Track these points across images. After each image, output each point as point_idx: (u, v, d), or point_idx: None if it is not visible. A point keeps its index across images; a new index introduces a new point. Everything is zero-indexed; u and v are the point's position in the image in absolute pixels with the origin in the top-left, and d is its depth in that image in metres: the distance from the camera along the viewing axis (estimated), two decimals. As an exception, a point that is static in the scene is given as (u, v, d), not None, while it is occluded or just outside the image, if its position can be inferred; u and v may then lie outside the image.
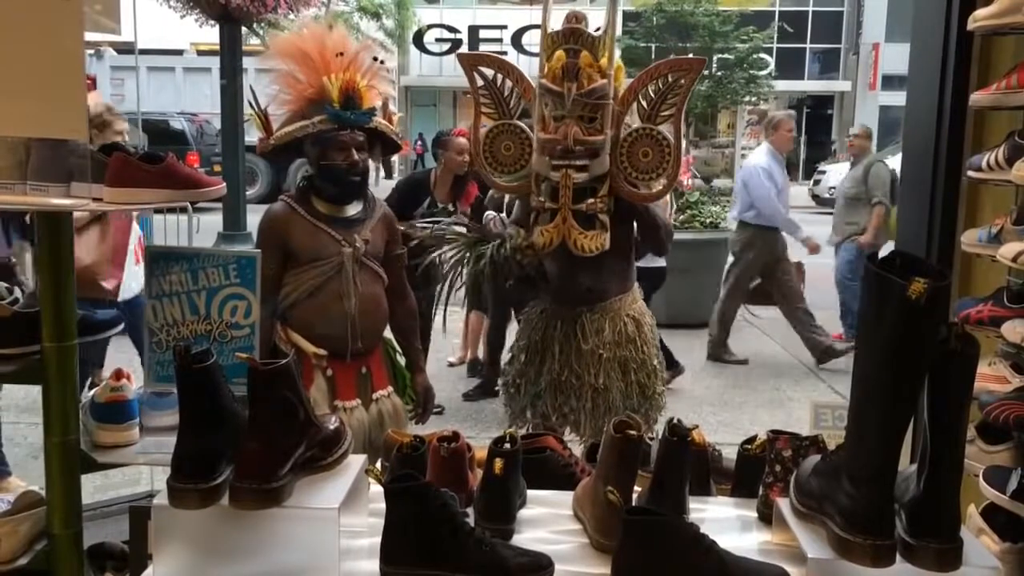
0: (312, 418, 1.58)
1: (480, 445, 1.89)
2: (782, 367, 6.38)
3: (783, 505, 1.57)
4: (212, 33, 7.77)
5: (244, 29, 7.65)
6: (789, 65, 24.66)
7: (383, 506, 1.50)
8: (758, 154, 6.72)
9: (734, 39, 20.82)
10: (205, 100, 15.67)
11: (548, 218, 2.72)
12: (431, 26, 25.10)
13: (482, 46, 22.46)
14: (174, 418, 1.69)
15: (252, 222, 4.15)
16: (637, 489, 1.70)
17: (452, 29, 25.27)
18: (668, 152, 2.67)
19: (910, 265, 1.32)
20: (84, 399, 2.08)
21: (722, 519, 1.74)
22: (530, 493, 1.79)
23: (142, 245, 4.02)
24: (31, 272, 3.24)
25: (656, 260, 4.98)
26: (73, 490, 1.93)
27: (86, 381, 2.65)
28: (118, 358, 3.73)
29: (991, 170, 2.21)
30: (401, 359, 2.98)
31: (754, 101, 23.39)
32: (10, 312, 1.93)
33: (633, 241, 3.00)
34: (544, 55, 2.65)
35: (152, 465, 2.54)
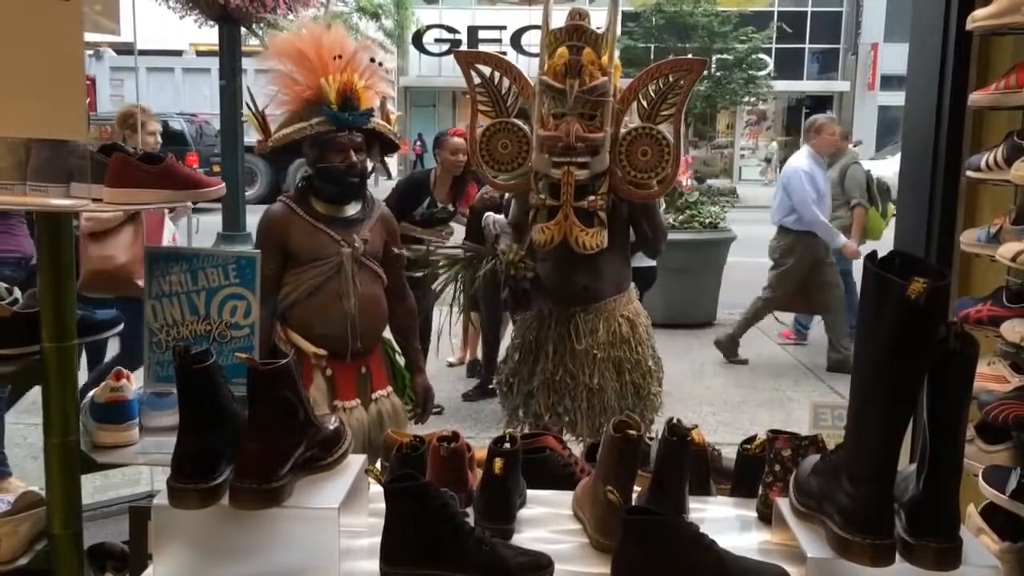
0: (312, 418, 1.58)
1: (480, 445, 1.89)
2: (782, 367, 6.38)
3: (783, 505, 1.57)
4: (211, 34, 7.77)
5: (243, 30, 7.65)
6: (788, 65, 24.66)
7: (383, 506, 1.50)
8: (799, 157, 6.32)
9: (733, 39, 20.82)
10: (204, 101, 15.66)
11: (547, 215, 2.72)
12: (430, 27, 25.10)
13: (481, 47, 22.42)
14: (174, 418, 1.69)
15: (252, 222, 4.15)
16: (637, 489, 1.70)
17: (451, 29, 25.27)
18: (667, 152, 2.67)
19: (909, 265, 1.32)
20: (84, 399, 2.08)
21: (722, 519, 1.74)
22: (530, 493, 1.79)
23: (175, 241, 4.03)
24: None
25: (647, 260, 4.91)
26: (73, 490, 1.94)
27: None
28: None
29: (990, 170, 2.21)
30: (401, 359, 2.98)
31: (753, 101, 23.40)
32: (10, 312, 1.93)
33: (629, 241, 3.00)
34: (545, 52, 2.65)
35: (152, 465, 2.54)
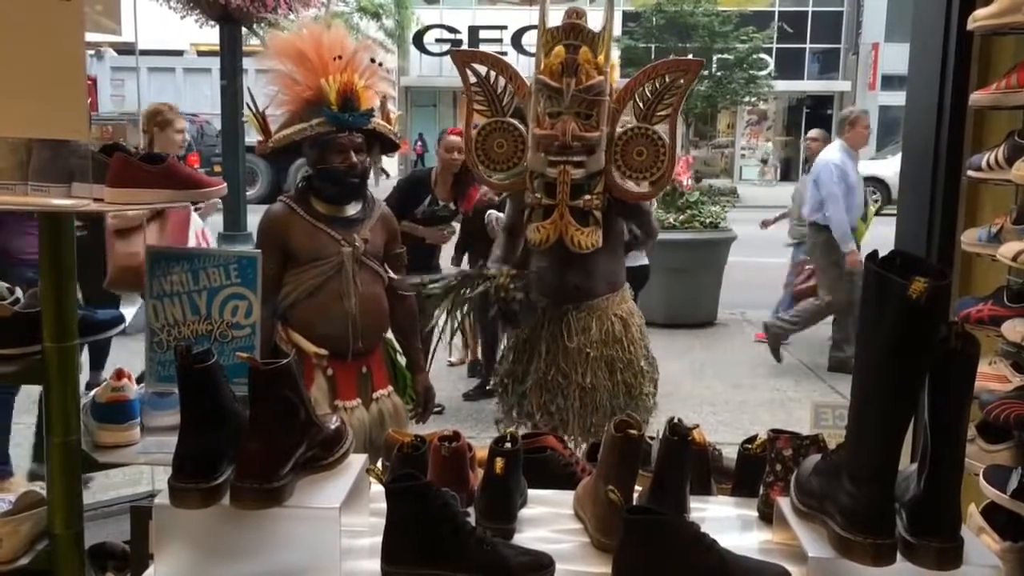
0: (313, 418, 1.58)
1: (481, 445, 1.89)
2: (782, 367, 6.38)
3: (784, 504, 1.57)
4: (212, 34, 7.76)
5: (244, 30, 7.64)
6: (789, 65, 24.65)
7: (384, 506, 1.50)
8: (831, 151, 6.09)
9: (734, 39, 20.81)
10: (205, 101, 15.61)
11: (542, 215, 2.72)
12: (431, 27, 25.10)
13: (482, 46, 22.38)
14: (175, 418, 1.69)
15: (252, 222, 4.15)
16: (638, 488, 1.70)
17: (452, 29, 25.26)
18: (663, 152, 2.67)
19: (910, 264, 1.32)
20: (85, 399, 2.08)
21: (723, 518, 1.74)
22: (531, 492, 1.79)
23: (206, 238, 4.02)
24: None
25: (639, 259, 4.86)
26: (74, 490, 1.94)
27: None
28: (119, 358, 3.73)
29: (991, 169, 2.21)
30: (402, 359, 2.98)
31: (754, 101, 23.40)
32: (11, 312, 1.93)
33: (623, 240, 3.00)
34: (542, 51, 2.65)
35: (153, 465, 2.55)
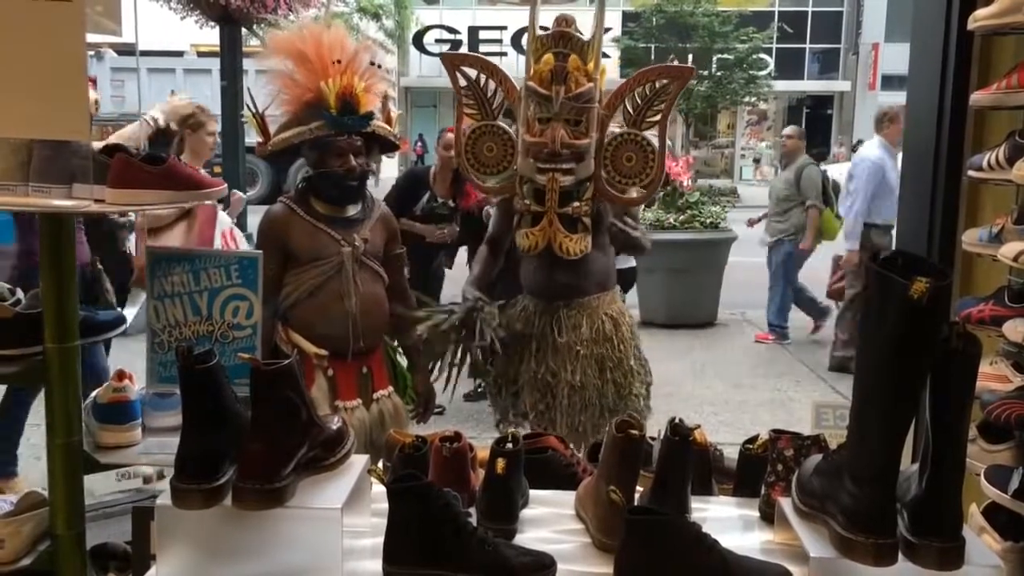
0: (315, 418, 1.58)
1: (482, 445, 1.89)
2: (783, 367, 6.38)
3: (785, 504, 1.57)
4: (212, 34, 7.77)
5: (244, 31, 7.65)
6: (789, 65, 24.67)
7: (386, 506, 1.49)
8: (870, 147, 5.97)
9: (734, 39, 20.84)
10: (205, 101, 15.58)
11: (531, 221, 2.73)
12: (431, 27, 25.09)
13: (482, 47, 22.43)
14: (176, 419, 1.69)
15: (252, 223, 4.15)
16: (639, 489, 1.70)
17: (452, 30, 25.27)
18: (652, 157, 2.68)
19: (912, 264, 1.32)
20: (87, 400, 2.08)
21: (724, 518, 1.74)
22: (532, 493, 1.79)
23: (234, 237, 4.02)
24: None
25: (627, 261, 4.88)
26: (76, 491, 1.94)
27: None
28: (119, 358, 3.73)
29: (992, 170, 2.21)
30: (402, 359, 2.98)
31: (754, 101, 23.43)
32: (12, 313, 1.93)
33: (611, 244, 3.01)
34: (531, 57, 2.65)
35: (155, 466, 2.55)
